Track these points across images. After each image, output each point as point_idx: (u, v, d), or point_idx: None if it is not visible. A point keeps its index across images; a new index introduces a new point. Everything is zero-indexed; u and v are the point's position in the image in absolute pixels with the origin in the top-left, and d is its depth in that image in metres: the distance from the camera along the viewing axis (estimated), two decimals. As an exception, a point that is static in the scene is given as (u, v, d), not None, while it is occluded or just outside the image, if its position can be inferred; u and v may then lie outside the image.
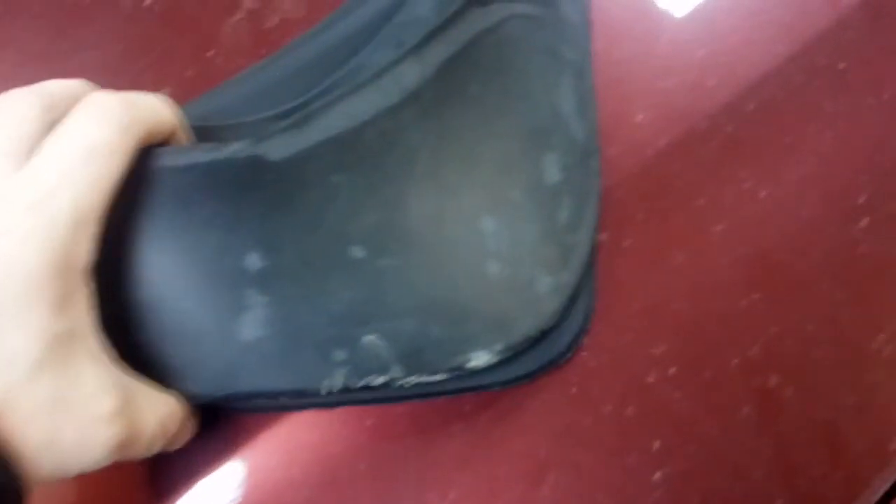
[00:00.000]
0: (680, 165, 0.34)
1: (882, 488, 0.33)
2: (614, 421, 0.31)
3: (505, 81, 0.31)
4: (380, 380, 0.27)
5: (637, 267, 0.33)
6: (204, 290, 0.27)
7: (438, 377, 0.28)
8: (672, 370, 0.32)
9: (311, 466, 0.30)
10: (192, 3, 0.39)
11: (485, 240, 0.29)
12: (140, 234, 0.26)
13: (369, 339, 0.27)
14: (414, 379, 0.28)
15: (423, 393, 0.30)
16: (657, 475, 0.31)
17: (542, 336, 0.29)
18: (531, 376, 0.31)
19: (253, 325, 0.27)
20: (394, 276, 0.28)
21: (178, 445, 0.28)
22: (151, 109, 0.26)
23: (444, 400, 0.31)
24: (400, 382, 0.28)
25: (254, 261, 0.27)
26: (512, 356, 0.29)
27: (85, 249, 0.22)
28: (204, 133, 0.30)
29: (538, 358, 0.31)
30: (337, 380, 0.27)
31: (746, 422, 0.32)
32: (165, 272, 0.26)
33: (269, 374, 0.27)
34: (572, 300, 0.30)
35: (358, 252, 0.27)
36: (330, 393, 0.27)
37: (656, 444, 0.31)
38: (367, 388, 0.27)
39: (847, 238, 0.35)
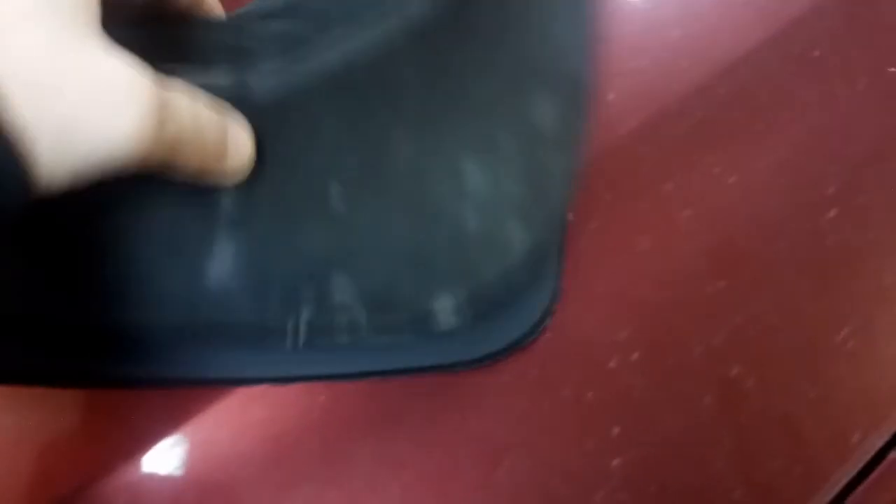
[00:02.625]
0: (649, 148, 0.33)
1: (842, 481, 0.33)
2: (574, 406, 0.31)
3: (503, 6, 0.30)
4: (343, 319, 0.27)
5: (603, 250, 0.32)
6: (175, 223, 0.26)
7: (400, 317, 0.28)
8: (635, 356, 0.31)
9: (260, 442, 0.29)
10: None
11: (463, 184, 0.28)
12: None
13: (338, 279, 0.27)
14: (378, 318, 0.27)
15: (383, 370, 0.30)
16: (615, 461, 0.30)
17: (510, 297, 0.29)
18: (494, 357, 0.30)
19: (221, 259, 0.26)
20: (370, 220, 0.27)
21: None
22: None
23: (402, 379, 0.30)
24: (364, 322, 0.27)
25: (228, 203, 0.26)
26: (480, 320, 0.29)
27: None
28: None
29: (503, 338, 0.30)
30: (303, 315, 0.27)
31: (707, 411, 0.32)
32: (134, 203, 0.25)
33: (233, 305, 0.26)
34: (541, 260, 0.29)
35: (336, 195, 0.27)
36: (296, 331, 0.27)
37: (615, 431, 0.31)
38: (330, 327, 0.27)
39: (815, 229, 0.34)
